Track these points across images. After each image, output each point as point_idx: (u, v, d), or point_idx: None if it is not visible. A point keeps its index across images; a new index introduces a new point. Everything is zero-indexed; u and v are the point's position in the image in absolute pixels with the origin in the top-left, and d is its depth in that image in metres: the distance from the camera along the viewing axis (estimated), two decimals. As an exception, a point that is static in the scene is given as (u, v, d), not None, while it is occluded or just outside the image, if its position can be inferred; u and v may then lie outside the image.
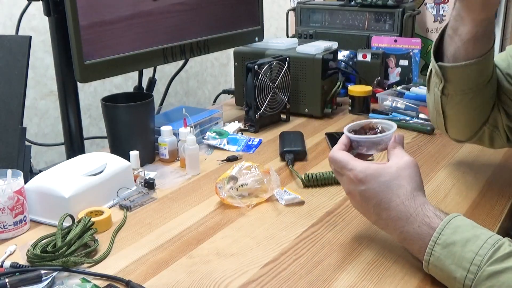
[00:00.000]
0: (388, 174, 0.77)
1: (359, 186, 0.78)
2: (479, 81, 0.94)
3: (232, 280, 0.77)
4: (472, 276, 0.68)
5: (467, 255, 0.69)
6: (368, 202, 0.78)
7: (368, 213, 0.80)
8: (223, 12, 1.44)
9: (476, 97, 0.95)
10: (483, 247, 0.68)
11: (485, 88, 0.95)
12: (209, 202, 1.01)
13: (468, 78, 0.93)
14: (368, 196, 0.77)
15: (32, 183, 0.95)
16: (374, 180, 0.77)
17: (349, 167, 0.79)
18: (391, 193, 0.76)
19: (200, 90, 2.10)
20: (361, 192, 0.78)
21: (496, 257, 0.67)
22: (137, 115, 1.17)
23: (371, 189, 0.77)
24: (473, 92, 0.94)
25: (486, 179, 1.07)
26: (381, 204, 0.77)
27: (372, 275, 0.77)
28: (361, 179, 0.77)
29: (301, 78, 1.47)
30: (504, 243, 0.69)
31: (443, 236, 0.71)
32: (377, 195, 0.77)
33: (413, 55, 1.69)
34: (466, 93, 0.95)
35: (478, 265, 0.68)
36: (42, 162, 1.52)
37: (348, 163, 0.79)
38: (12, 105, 1.03)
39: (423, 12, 1.85)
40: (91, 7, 1.08)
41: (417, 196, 0.76)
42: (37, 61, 1.48)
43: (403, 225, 0.75)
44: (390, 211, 0.76)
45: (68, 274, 0.78)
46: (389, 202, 0.76)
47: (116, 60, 1.15)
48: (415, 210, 0.75)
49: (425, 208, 0.75)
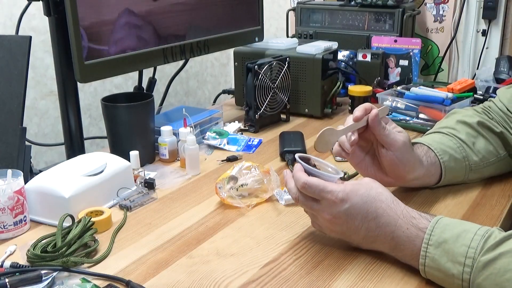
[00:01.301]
0: (364, 186, 0.78)
1: (343, 205, 0.77)
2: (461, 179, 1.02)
3: (232, 280, 0.77)
4: (468, 269, 0.69)
5: (460, 249, 0.70)
6: (355, 218, 0.77)
7: (355, 232, 0.78)
8: (223, 12, 1.44)
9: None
10: (474, 239, 0.70)
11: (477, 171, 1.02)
12: (209, 202, 1.01)
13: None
14: (354, 212, 0.77)
15: (32, 183, 0.95)
16: (355, 195, 0.77)
17: (327, 189, 0.77)
18: (375, 201, 0.77)
19: (200, 90, 2.10)
20: (346, 210, 0.77)
21: (488, 246, 0.68)
22: (137, 115, 1.17)
23: (355, 203, 0.77)
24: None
25: (486, 179, 1.06)
26: (369, 214, 0.77)
27: (372, 275, 0.77)
28: (342, 198, 0.77)
29: (301, 78, 1.47)
30: (493, 232, 0.70)
31: (434, 236, 0.72)
32: (362, 208, 0.77)
33: (413, 55, 1.69)
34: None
35: (473, 257, 0.69)
36: (42, 162, 1.52)
37: (325, 187, 0.77)
38: (12, 105, 1.03)
39: (423, 12, 1.85)
40: (91, 7, 1.08)
41: (396, 200, 0.78)
42: (37, 61, 1.48)
43: (393, 230, 0.76)
44: (379, 219, 0.76)
45: (68, 274, 0.78)
46: (376, 210, 0.77)
47: (116, 60, 1.15)
48: (402, 212, 0.76)
49: (409, 210, 0.77)
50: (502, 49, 1.79)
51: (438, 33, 1.86)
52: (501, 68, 1.63)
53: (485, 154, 1.01)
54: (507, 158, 1.03)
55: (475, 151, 1.00)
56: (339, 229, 0.80)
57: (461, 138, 1.00)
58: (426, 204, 0.97)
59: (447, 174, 0.98)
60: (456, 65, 1.88)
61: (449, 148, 0.98)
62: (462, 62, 1.85)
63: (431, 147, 0.97)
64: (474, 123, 1.02)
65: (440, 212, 0.94)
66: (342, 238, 0.82)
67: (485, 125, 1.02)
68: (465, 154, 0.99)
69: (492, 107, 1.05)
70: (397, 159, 0.90)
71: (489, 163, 1.02)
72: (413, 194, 1.01)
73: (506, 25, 1.76)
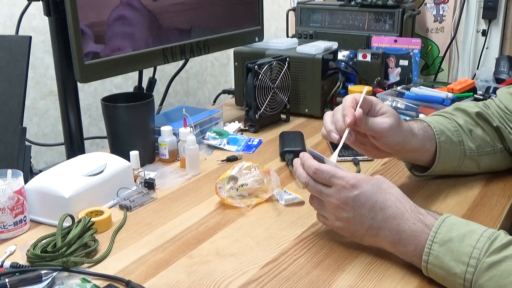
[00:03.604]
0: (376, 179, 0.80)
1: (353, 191, 0.78)
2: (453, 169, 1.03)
3: (232, 280, 0.77)
4: (472, 269, 0.69)
5: (465, 249, 0.70)
6: (363, 206, 0.78)
7: (360, 221, 0.78)
8: (223, 12, 1.44)
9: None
10: (480, 240, 0.70)
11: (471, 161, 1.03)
12: (209, 202, 1.01)
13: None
14: (363, 199, 0.77)
15: (32, 183, 0.95)
16: (366, 183, 0.78)
17: (339, 175, 0.78)
18: (384, 193, 0.78)
19: (200, 90, 2.10)
20: (355, 196, 0.77)
21: (494, 248, 0.68)
22: (137, 115, 1.17)
23: (365, 191, 0.77)
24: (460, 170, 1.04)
25: (486, 179, 1.07)
26: (377, 205, 0.77)
27: (372, 275, 0.77)
28: (353, 184, 0.78)
29: (301, 78, 1.47)
30: (499, 234, 0.71)
31: (440, 234, 0.72)
32: (372, 197, 0.77)
33: (413, 55, 1.69)
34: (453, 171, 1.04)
35: (477, 258, 0.69)
36: (42, 162, 1.51)
37: (337, 172, 0.79)
38: (12, 105, 1.03)
39: (423, 12, 1.85)
40: (91, 7, 1.08)
41: (405, 196, 0.79)
42: (37, 61, 1.48)
43: (399, 223, 0.76)
44: (386, 210, 0.77)
45: (68, 274, 0.78)
46: (384, 201, 0.77)
47: (116, 60, 1.15)
48: (410, 207, 0.77)
49: (417, 207, 0.78)
50: (502, 49, 1.79)
51: (438, 33, 1.86)
52: (501, 68, 1.63)
53: (481, 143, 1.02)
54: (503, 152, 1.04)
55: (471, 138, 1.01)
56: (345, 215, 0.79)
57: (459, 123, 1.01)
58: (427, 204, 0.97)
59: (441, 155, 0.98)
60: (456, 65, 1.88)
61: (446, 129, 0.99)
62: (462, 62, 1.85)
63: (431, 124, 0.98)
64: (472, 113, 1.03)
65: (440, 212, 0.94)
66: (345, 229, 0.81)
67: (484, 116, 1.03)
68: (461, 139, 1.00)
69: (491, 103, 1.06)
70: (388, 143, 0.91)
71: (485, 152, 1.02)
72: (413, 194, 1.01)
73: (506, 25, 1.76)
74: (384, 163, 1.17)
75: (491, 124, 1.03)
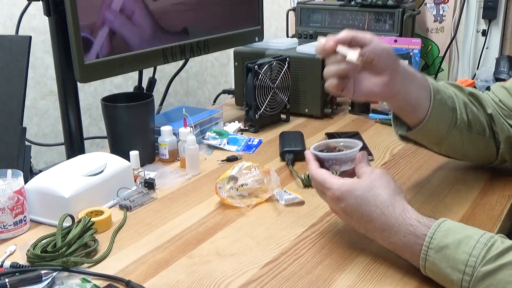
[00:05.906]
0: (363, 187, 0.78)
1: (339, 203, 0.79)
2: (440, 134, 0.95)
3: (232, 280, 0.77)
4: (468, 278, 0.68)
5: (461, 257, 0.69)
6: (352, 217, 0.79)
7: (356, 227, 0.81)
8: (223, 12, 1.44)
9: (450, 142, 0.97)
10: (476, 247, 0.69)
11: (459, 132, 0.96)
12: (209, 202, 1.01)
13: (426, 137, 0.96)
14: (350, 212, 0.78)
15: (32, 183, 0.95)
16: (350, 195, 0.77)
17: (327, 185, 0.79)
18: (369, 205, 0.77)
19: (200, 90, 2.10)
20: (342, 209, 0.79)
21: (490, 257, 0.67)
22: (137, 115, 1.17)
23: (350, 204, 0.77)
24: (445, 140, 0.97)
25: (486, 179, 1.07)
26: (363, 217, 0.77)
27: (372, 275, 0.77)
28: (338, 197, 0.78)
29: (301, 78, 1.47)
30: (496, 240, 0.69)
31: (435, 240, 0.71)
32: (357, 210, 0.77)
33: (413, 55, 1.69)
34: (439, 143, 0.98)
35: (473, 266, 0.68)
36: (42, 162, 1.51)
37: (325, 182, 0.80)
38: (12, 105, 1.03)
39: (423, 12, 1.85)
40: (91, 7, 1.08)
41: (395, 202, 0.76)
42: (37, 61, 1.48)
43: (389, 236, 0.76)
44: (374, 223, 0.77)
45: (68, 274, 0.78)
46: (370, 214, 0.77)
47: (116, 60, 1.15)
48: (397, 220, 0.75)
49: (407, 216, 0.75)
50: (502, 49, 1.79)
51: (438, 33, 1.86)
52: (501, 68, 1.63)
53: (473, 119, 0.97)
54: (490, 140, 1.00)
55: (465, 111, 0.96)
56: (343, 218, 0.83)
57: (456, 93, 0.96)
58: (427, 204, 0.97)
59: (433, 112, 0.90)
60: (456, 65, 1.88)
61: (443, 93, 0.93)
62: (462, 62, 1.85)
63: (429, 80, 0.92)
64: (467, 91, 0.99)
65: (440, 211, 0.94)
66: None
67: (478, 100, 0.99)
68: (455, 106, 0.94)
69: (485, 96, 1.03)
70: (384, 63, 0.84)
71: (473, 130, 0.97)
72: (413, 194, 1.01)
73: (506, 25, 1.76)
74: (384, 163, 1.17)
75: (485, 109, 0.99)
